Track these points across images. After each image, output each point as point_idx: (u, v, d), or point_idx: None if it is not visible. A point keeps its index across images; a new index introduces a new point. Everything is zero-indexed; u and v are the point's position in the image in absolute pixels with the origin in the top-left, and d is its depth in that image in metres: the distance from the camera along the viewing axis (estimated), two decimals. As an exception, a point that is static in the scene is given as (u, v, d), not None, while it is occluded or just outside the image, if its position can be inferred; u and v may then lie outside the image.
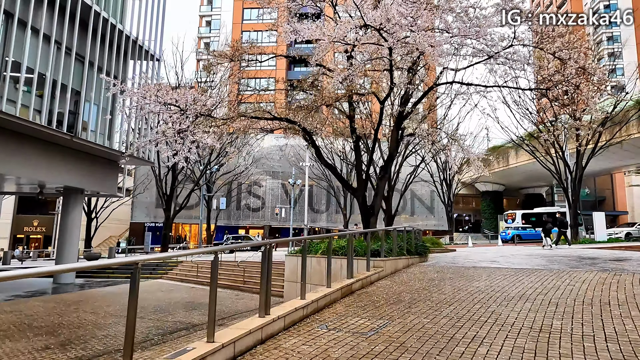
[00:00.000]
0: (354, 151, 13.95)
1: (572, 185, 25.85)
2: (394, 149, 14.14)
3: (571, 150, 28.07)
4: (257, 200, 49.48)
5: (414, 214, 52.48)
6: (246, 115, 12.48)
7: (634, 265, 10.75)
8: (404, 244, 11.58)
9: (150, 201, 46.99)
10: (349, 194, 37.41)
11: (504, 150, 44.43)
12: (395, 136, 14.12)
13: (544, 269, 10.00)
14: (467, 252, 18.86)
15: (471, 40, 12.62)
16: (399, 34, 8.97)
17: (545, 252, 16.46)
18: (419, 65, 13.55)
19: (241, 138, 30.61)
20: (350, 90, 11.05)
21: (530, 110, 26.78)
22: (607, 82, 10.64)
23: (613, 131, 27.38)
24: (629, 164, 45.52)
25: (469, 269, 10.50)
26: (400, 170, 26.01)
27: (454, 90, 20.21)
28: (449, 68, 14.15)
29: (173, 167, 23.38)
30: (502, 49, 12.44)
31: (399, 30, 8.65)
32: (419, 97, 14.49)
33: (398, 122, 14.03)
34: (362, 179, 13.76)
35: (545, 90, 13.27)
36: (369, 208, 13.64)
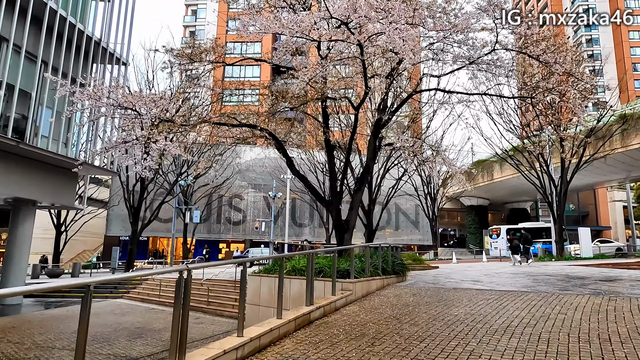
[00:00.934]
0: (327, 161, 12.96)
1: (557, 199, 25.28)
2: (371, 159, 13.21)
3: (556, 164, 27.62)
4: (238, 213, 48.09)
5: (398, 228, 51.61)
6: (208, 122, 11.42)
7: (626, 286, 9.89)
8: (379, 263, 10.54)
9: (127, 213, 45.21)
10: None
11: (488, 164, 44.06)
12: (372, 146, 13.21)
13: (530, 291, 9.05)
14: (450, 270, 17.91)
15: (452, 47, 11.91)
16: (369, 30, 8.08)
17: (530, 270, 15.59)
18: (398, 71, 12.73)
19: (215, 148, 29.52)
20: (320, 94, 10.11)
21: (514, 122, 26.28)
22: (594, 86, 9.89)
23: (597, 145, 27.03)
24: (612, 179, 45.51)
25: (449, 291, 9.50)
26: (382, 183, 25.10)
27: (436, 100, 19.54)
28: (429, 75, 13.40)
29: (142, 178, 22.07)
30: (484, 54, 11.72)
31: (368, 23, 7.76)
32: (398, 104, 13.64)
33: (376, 131, 13.14)
34: (336, 191, 12.75)
35: (530, 99, 12.55)
36: (343, 223, 12.62)
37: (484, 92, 12.80)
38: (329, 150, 12.79)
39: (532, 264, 20.07)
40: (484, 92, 12.78)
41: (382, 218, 51.22)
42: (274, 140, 12.79)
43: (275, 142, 12.83)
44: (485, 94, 12.79)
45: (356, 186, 12.94)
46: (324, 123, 12.47)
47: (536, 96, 12.40)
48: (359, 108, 11.48)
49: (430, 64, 13.43)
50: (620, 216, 61.39)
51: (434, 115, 23.81)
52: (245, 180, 48.10)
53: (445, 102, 19.64)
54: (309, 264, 6.77)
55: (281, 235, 47.50)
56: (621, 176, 42.58)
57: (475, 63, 11.83)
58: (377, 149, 13.59)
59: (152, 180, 23.66)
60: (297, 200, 46.52)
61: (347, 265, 8.92)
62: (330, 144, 12.72)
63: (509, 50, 11.43)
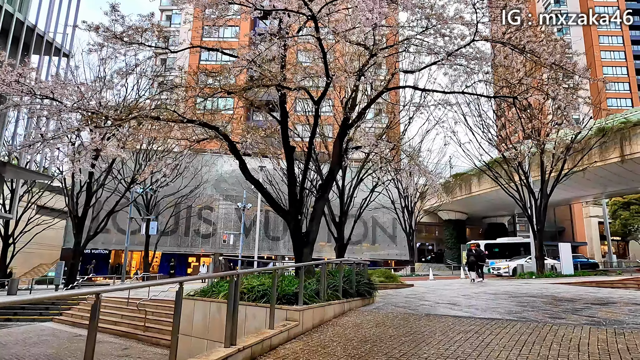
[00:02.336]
0: (286, 165, 11.33)
1: (537, 213, 24.20)
2: (337, 164, 11.64)
3: (535, 177, 26.74)
4: (208, 225, 45.80)
5: (375, 242, 50.09)
6: (139, 116, 9.65)
7: (625, 312, 8.48)
8: (339, 283, 8.88)
9: (87, 224, 42.42)
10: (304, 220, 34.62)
11: (466, 177, 43.28)
12: (338, 148, 11.66)
13: (517, 319, 7.52)
14: (426, 288, 16.38)
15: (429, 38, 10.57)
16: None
17: (511, 290, 14.16)
18: (368, 66, 11.29)
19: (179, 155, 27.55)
20: (265, 80, 8.48)
21: (492, 132, 25.29)
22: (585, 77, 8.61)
23: (576, 159, 26.30)
24: (588, 195, 45.35)
25: (421, 318, 7.88)
26: (355, 194, 23.54)
27: (413, 104, 18.26)
28: (403, 71, 12.01)
29: (88, 183, 19.93)
30: (463, 46, 10.37)
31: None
32: (368, 102, 12.17)
33: (342, 132, 11.61)
34: (295, 198, 11.09)
35: (512, 99, 11.25)
36: (302, 236, 10.95)
37: (462, 90, 11.46)
38: (288, 152, 11.16)
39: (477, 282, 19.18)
40: (461, 91, 11.44)
41: (358, 232, 50.08)
42: (225, 140, 11.11)
43: (228, 143, 11.15)
44: (463, 93, 11.44)
45: (319, 193, 11.32)
46: (282, 119, 10.86)
47: (519, 95, 11.11)
48: (320, 101, 9.93)
49: (404, 56, 12.03)
50: (595, 232, 61.54)
51: (410, 121, 22.51)
52: (217, 190, 46.05)
53: (422, 106, 18.37)
54: (232, 290, 5.06)
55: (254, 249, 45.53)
56: (598, 191, 42.37)
57: (453, 55, 10.49)
58: (344, 152, 12.05)
59: (101, 186, 21.50)
60: (270, 212, 44.53)
61: (293, 287, 7.23)
62: (289, 144, 11.09)
63: (489, 42, 10.12)
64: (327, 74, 9.28)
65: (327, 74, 9.28)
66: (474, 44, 10.25)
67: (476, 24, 9.81)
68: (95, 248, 44.50)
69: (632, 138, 27.60)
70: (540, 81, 9.72)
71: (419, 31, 10.75)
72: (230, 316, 4.95)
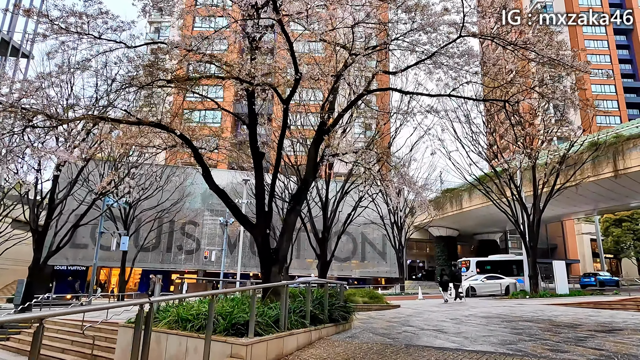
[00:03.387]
0: (254, 173, 10.17)
1: (530, 230, 23.18)
2: (311, 173, 10.52)
3: (527, 193, 25.86)
4: (191, 241, 44.19)
5: (364, 259, 48.68)
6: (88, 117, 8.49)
7: (635, 342, 7.35)
8: (307, 308, 7.65)
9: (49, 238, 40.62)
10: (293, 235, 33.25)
11: (457, 192, 42.39)
12: (313, 155, 10.56)
13: (512, 353, 6.33)
14: (412, 310, 15.14)
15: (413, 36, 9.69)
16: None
17: (505, 314, 12.99)
18: (347, 67, 10.30)
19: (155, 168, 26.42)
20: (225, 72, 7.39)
21: (481, 143, 24.41)
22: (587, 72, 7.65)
23: (568, 174, 25.51)
24: (580, 211, 44.68)
25: (399, 352, 6.67)
26: (341, 208, 22.33)
27: (400, 112, 17.30)
28: (383, 71, 11.03)
29: (51, 194, 18.50)
30: (449, 42, 9.44)
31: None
32: (347, 105, 11.15)
33: (317, 137, 10.53)
34: (263, 210, 9.92)
35: (504, 103, 10.29)
36: (271, 252, 9.74)
37: (449, 93, 10.49)
38: (256, 158, 10.02)
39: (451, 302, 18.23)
40: (449, 94, 10.46)
41: (347, 248, 48.72)
42: (188, 145, 9.97)
43: (191, 148, 10.01)
44: (450, 96, 10.45)
45: (290, 205, 10.15)
46: (250, 120, 9.75)
47: (511, 99, 10.15)
48: (288, 101, 8.85)
49: (386, 56, 11.07)
50: (588, 249, 60.80)
51: (397, 131, 21.41)
52: (204, 205, 44.68)
53: (407, 112, 17.41)
54: (139, 322, 3.84)
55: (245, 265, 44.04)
56: (590, 207, 41.66)
57: (439, 53, 9.55)
58: (320, 160, 10.94)
59: (66, 197, 20.10)
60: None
61: (243, 313, 6.00)
62: (257, 149, 9.96)
63: (478, 38, 9.18)
64: (296, 68, 8.24)
65: (295, 68, 8.24)
66: (463, 41, 9.34)
67: (463, 18, 8.89)
68: (72, 265, 42.68)
69: (626, 153, 26.93)
70: (533, 81, 8.78)
71: (404, 31, 9.87)
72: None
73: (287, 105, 8.87)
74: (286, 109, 8.93)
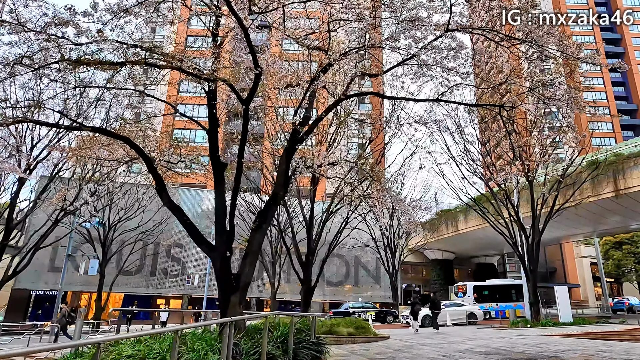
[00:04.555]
0: (214, 186, 8.84)
1: (529, 252, 21.78)
2: (281, 186, 9.24)
3: (525, 214, 24.60)
4: (177, 264, 42.38)
5: (358, 283, 46.84)
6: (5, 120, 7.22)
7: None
8: (264, 349, 6.22)
9: (42, 262, 38.79)
10: (279, 259, 31.71)
11: (452, 214, 41.07)
12: (284, 166, 9.30)
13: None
14: (403, 342, 13.60)
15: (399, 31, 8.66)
16: None
17: (505, 348, 11.50)
18: (325, 69, 9.19)
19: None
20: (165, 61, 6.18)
21: (476, 162, 23.25)
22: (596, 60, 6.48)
23: (567, 194, 24.33)
24: (579, 233, 43.35)
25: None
26: (328, 229, 20.87)
27: (387, 124, 16.12)
28: (365, 74, 9.90)
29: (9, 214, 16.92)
30: (436, 38, 8.38)
31: None
32: (323, 112, 9.95)
33: (290, 146, 9.30)
34: (223, 229, 8.58)
35: (499, 108, 9.12)
36: (232, 279, 8.34)
37: (437, 97, 9.33)
38: (216, 169, 8.73)
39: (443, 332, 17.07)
40: (436, 98, 9.30)
41: (340, 272, 46.91)
42: (140, 155, 8.69)
43: (143, 159, 8.72)
44: (438, 101, 9.29)
45: (256, 223, 8.80)
46: (210, 125, 8.51)
47: (507, 103, 8.99)
48: (249, 101, 7.63)
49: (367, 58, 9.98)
50: (588, 273, 59.10)
51: (385, 147, 20.07)
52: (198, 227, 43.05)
53: (395, 124, 16.27)
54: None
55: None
56: (588, 230, 40.36)
57: (425, 49, 8.46)
58: (292, 173, 9.66)
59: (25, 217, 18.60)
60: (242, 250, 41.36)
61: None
62: (218, 159, 8.68)
63: (468, 31, 8.07)
64: (255, 62, 7.05)
65: (254, 62, 7.04)
66: (451, 36, 8.26)
67: (450, 8, 7.82)
68: (51, 289, 40.66)
69: (626, 171, 25.85)
70: (531, 82, 7.63)
71: (389, 24, 8.83)
72: None
73: (247, 106, 7.64)
74: (246, 110, 7.69)
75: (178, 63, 6.20)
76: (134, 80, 8.21)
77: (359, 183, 14.65)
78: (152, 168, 8.78)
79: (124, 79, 8.70)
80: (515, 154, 20.34)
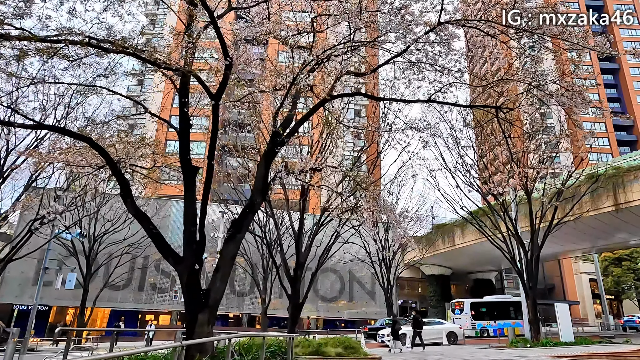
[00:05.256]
0: (184, 191, 8.04)
1: (528, 268, 20.91)
2: (259, 192, 8.44)
3: (523, 228, 23.82)
4: (166, 279, 41.18)
5: (352, 299, 45.65)
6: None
7: None
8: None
9: (26, 276, 37.66)
10: (270, 273, 30.60)
11: (449, 228, 40.24)
12: (262, 171, 8.53)
13: None
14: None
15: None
16: None
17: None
18: (310, 68, 8.52)
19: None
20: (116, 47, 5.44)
21: (472, 173, 22.54)
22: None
23: (566, 208, 23.59)
24: (577, 249, 42.57)
25: None
26: (319, 242, 19.99)
27: (377, 130, 15.44)
28: (350, 72, 9.21)
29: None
30: (428, 31, 7.71)
31: None
32: (305, 114, 9.23)
33: (270, 149, 8.54)
34: (193, 241, 7.75)
35: (496, 110, 8.43)
36: (200, 295, 7.49)
37: (429, 98, 8.64)
38: (187, 173, 7.93)
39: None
40: (428, 99, 8.61)
41: (334, 287, 45.70)
42: (102, 156, 7.91)
43: (106, 160, 7.94)
44: (430, 101, 8.60)
45: (229, 232, 7.99)
46: (180, 124, 7.75)
47: (504, 104, 8.30)
48: (219, 95, 6.90)
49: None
50: (587, 290, 57.96)
51: (379, 155, 19.32)
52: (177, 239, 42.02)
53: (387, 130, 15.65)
54: None
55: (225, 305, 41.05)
56: (588, 245, 39.54)
57: (417, 42, 7.79)
58: (271, 180, 8.88)
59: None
60: (237, 265, 40.07)
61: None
62: (189, 162, 7.89)
63: (463, 24, 7.42)
64: (225, 52, 6.33)
65: (224, 52, 6.33)
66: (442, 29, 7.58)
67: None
68: (32, 304, 39.31)
69: (626, 185, 25.21)
70: (531, 75, 6.95)
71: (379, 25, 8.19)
72: None
73: (217, 101, 6.89)
74: (216, 106, 6.94)
75: (132, 49, 5.48)
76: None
77: (350, 194, 13.84)
78: (117, 171, 7.99)
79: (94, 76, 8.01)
80: (513, 159, 19.62)
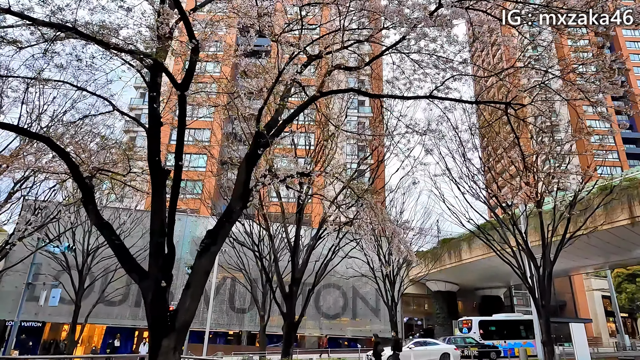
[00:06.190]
0: (151, 197, 7.11)
1: (540, 284, 19.64)
2: (239, 199, 7.49)
3: (534, 243, 22.62)
4: (164, 294, 40.06)
5: (356, 316, 44.13)
6: None
7: None
8: None
9: (20, 291, 36.61)
10: (270, 289, 29.39)
11: (455, 243, 38.96)
12: (243, 176, 7.59)
13: None
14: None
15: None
16: None
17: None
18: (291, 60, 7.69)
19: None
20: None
21: (479, 184, 21.48)
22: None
23: (578, 221, 22.36)
24: (589, 265, 41.02)
25: None
26: (318, 257, 18.97)
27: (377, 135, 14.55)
28: (341, 67, 8.35)
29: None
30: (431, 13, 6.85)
31: None
32: (293, 112, 8.33)
33: (252, 152, 7.61)
34: (161, 253, 6.78)
35: (505, 106, 7.49)
36: (167, 317, 6.48)
37: (430, 94, 7.72)
38: (156, 177, 7.00)
39: None
40: (428, 95, 7.69)
41: (337, 304, 44.22)
42: (62, 157, 7.03)
43: (66, 163, 7.05)
44: (430, 97, 7.67)
45: (202, 244, 7.02)
46: (150, 122, 6.85)
47: (515, 99, 7.35)
48: (185, 86, 6.01)
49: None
50: (600, 307, 55.88)
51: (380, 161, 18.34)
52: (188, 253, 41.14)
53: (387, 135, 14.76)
54: None
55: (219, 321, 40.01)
56: (601, 260, 38.00)
57: (416, 27, 6.92)
58: (253, 187, 7.92)
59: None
60: (237, 280, 38.79)
61: None
62: (159, 164, 6.96)
63: (465, 7, 6.52)
64: (190, 33, 5.45)
65: (189, 33, 5.45)
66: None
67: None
68: (26, 320, 38.27)
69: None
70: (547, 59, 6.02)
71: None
72: None
73: (183, 92, 5.99)
74: (182, 97, 6.04)
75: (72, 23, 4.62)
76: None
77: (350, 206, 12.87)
78: (78, 175, 7.08)
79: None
80: (525, 165, 18.53)
